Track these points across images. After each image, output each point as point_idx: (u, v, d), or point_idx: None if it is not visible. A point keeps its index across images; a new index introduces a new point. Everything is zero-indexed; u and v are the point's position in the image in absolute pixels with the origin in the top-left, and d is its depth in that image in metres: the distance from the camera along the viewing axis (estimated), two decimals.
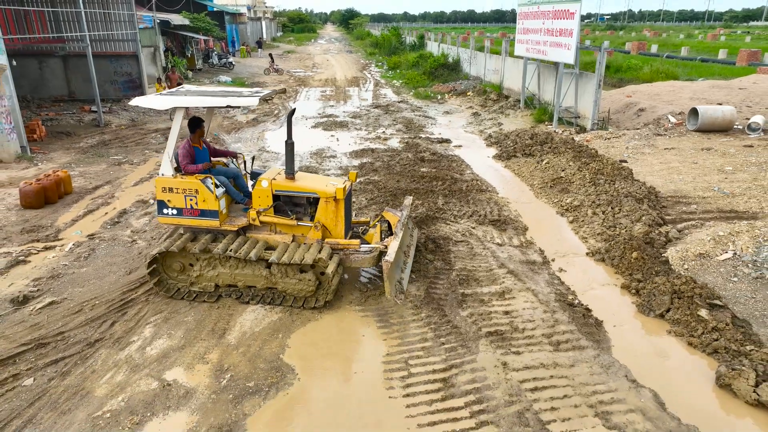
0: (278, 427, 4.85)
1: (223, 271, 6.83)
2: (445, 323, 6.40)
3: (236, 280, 6.85)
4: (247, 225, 7.03)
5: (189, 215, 6.84)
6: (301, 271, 6.66)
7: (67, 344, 5.96)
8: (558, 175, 11.68)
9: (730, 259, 7.65)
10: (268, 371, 5.58)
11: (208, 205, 6.74)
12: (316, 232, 6.91)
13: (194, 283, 6.94)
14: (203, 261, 6.83)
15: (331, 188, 6.89)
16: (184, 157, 6.86)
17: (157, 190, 6.85)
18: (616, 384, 5.34)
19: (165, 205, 6.85)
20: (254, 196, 6.94)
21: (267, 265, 6.71)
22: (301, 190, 6.99)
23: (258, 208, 6.92)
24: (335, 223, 6.97)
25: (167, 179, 6.77)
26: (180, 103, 6.63)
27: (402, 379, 5.45)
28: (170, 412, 5.03)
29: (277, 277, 6.72)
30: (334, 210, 6.91)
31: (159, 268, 6.91)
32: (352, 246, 7.00)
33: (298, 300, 6.74)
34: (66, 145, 14.84)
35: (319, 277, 6.68)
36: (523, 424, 4.82)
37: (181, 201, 6.77)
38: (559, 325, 6.28)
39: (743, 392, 5.06)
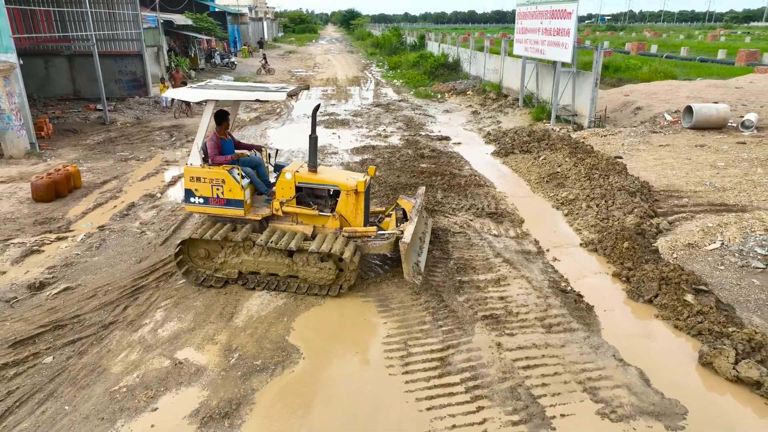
0: (285, 400, 5.15)
1: (247, 259, 7.06)
2: (442, 308, 6.70)
3: (259, 267, 7.07)
4: (270, 215, 7.29)
5: (215, 204, 7.09)
6: (321, 260, 6.90)
7: (83, 326, 6.26)
8: (554, 171, 11.97)
9: (718, 248, 7.95)
10: (274, 351, 5.88)
11: (234, 194, 6.99)
12: (334, 221, 7.17)
13: (218, 270, 7.16)
14: (228, 248, 7.06)
15: (352, 181, 7.17)
16: (212, 148, 7.14)
17: (185, 180, 7.10)
18: (604, 363, 5.63)
19: (192, 193, 7.11)
20: (278, 187, 7.20)
21: (289, 254, 6.97)
22: (323, 182, 7.27)
23: (281, 198, 7.18)
24: (355, 214, 7.24)
25: (195, 169, 7.02)
26: (212, 96, 6.88)
27: (401, 359, 5.75)
28: (182, 387, 5.33)
29: (299, 266, 6.95)
30: (355, 202, 7.18)
31: (184, 254, 7.17)
32: (370, 233, 7.27)
33: (322, 288, 6.97)
34: (73, 142, 15.16)
35: (339, 265, 6.92)
36: (515, 398, 5.11)
37: (208, 190, 7.03)
38: (552, 310, 6.58)
39: (724, 369, 5.35)
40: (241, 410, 5.01)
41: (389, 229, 7.60)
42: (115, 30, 21.01)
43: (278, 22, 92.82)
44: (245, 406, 5.06)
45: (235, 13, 48.03)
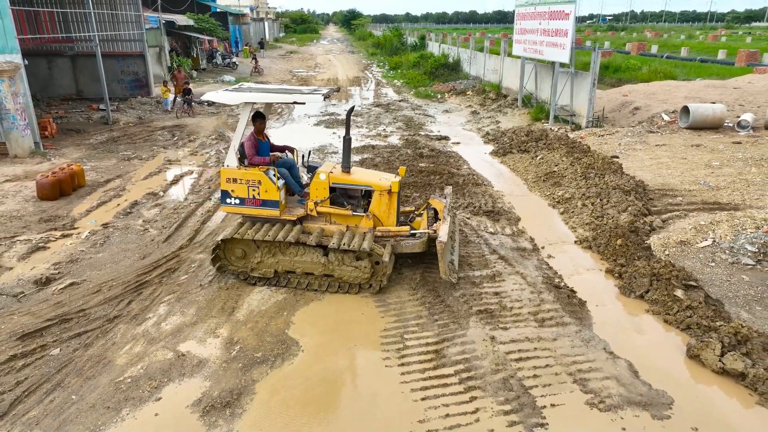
0: (284, 391, 5.32)
1: (283, 258, 7.14)
2: (438, 303, 6.87)
3: (295, 266, 7.15)
4: (305, 215, 7.42)
5: (251, 205, 7.21)
6: (357, 259, 7.03)
7: (88, 320, 6.44)
8: (551, 170, 12.14)
9: (709, 246, 8.10)
10: (274, 344, 6.05)
11: (269, 195, 7.11)
12: (368, 221, 7.28)
13: (255, 269, 7.24)
14: (264, 248, 7.15)
15: (385, 182, 7.30)
16: (250, 148, 7.23)
17: (221, 181, 7.21)
18: (595, 355, 5.80)
19: (228, 194, 7.23)
20: (312, 188, 7.29)
21: (325, 253, 7.09)
22: (357, 183, 7.39)
23: (315, 199, 7.28)
24: (388, 214, 7.37)
25: (232, 170, 7.13)
26: (249, 98, 7.00)
27: (397, 351, 5.92)
28: (185, 378, 5.50)
29: (335, 265, 7.05)
30: (388, 202, 7.31)
31: (221, 254, 7.27)
32: (403, 232, 7.40)
33: (354, 287, 7.11)
34: (76, 142, 15.34)
35: (374, 265, 7.04)
36: (507, 389, 5.28)
37: (244, 191, 7.14)
38: (545, 304, 6.75)
39: (710, 361, 5.51)
40: (242, 400, 5.18)
41: (421, 228, 7.69)
42: (118, 31, 21.19)
43: (280, 22, 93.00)
44: (246, 396, 5.23)
45: (236, 14, 48.23)
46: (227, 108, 21.33)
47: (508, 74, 23.08)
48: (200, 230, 9.19)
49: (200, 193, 11.07)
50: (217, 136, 16.57)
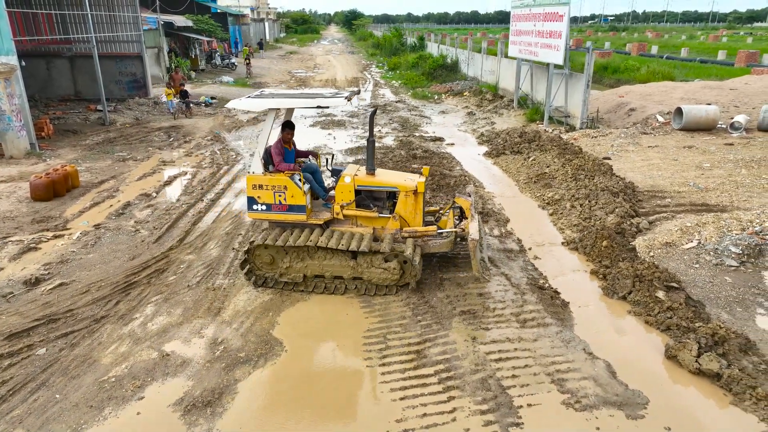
0: (266, 390, 5.40)
1: (311, 263, 7.15)
2: (423, 303, 6.94)
3: (324, 270, 7.17)
4: (331, 218, 7.45)
5: (277, 210, 7.22)
6: (385, 261, 7.05)
7: (75, 320, 6.52)
8: (543, 171, 12.20)
9: (695, 247, 8.16)
10: (258, 344, 6.13)
11: (296, 200, 7.13)
12: (394, 222, 7.33)
13: (284, 275, 7.25)
14: (293, 253, 7.15)
15: (410, 183, 7.32)
16: (277, 155, 7.26)
17: (247, 188, 7.22)
18: (574, 356, 5.86)
19: (255, 201, 7.23)
20: (337, 191, 7.28)
21: (353, 256, 7.11)
22: (382, 184, 7.41)
23: (341, 202, 7.31)
24: (414, 214, 7.40)
25: (257, 177, 7.14)
26: (273, 105, 7.04)
27: (379, 351, 5.99)
28: (168, 377, 5.58)
29: (363, 267, 7.08)
30: (413, 203, 7.34)
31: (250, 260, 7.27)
32: (431, 232, 7.44)
33: (381, 288, 7.13)
34: (73, 143, 15.45)
35: (403, 265, 7.07)
36: (485, 389, 5.35)
37: (271, 197, 7.15)
38: (527, 305, 6.81)
39: (687, 362, 5.58)
40: (223, 399, 5.26)
41: (447, 227, 7.70)
42: (116, 32, 21.30)
43: (280, 22, 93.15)
44: (227, 395, 5.31)
45: (236, 14, 48.34)
46: (224, 109, 21.43)
47: (505, 75, 23.14)
48: (191, 231, 9.27)
49: (193, 194, 11.15)
50: (213, 137, 16.66)
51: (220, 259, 8.21)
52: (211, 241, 8.90)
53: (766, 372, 5.39)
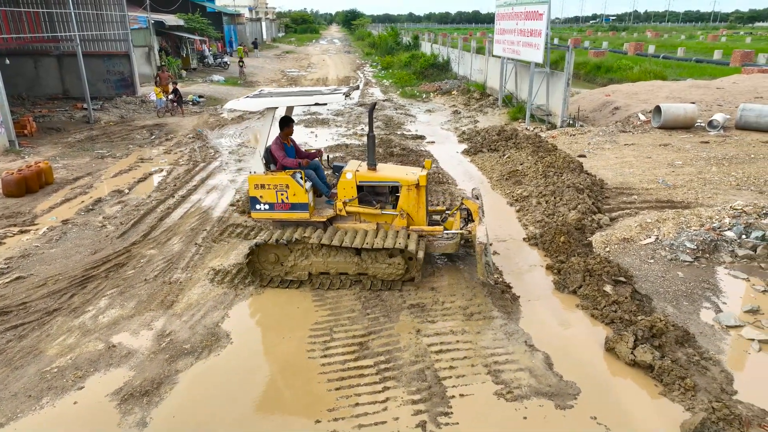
0: (205, 381, 5.47)
1: (316, 260, 7.15)
2: (374, 297, 7.00)
3: (329, 267, 7.17)
4: (334, 215, 7.47)
5: (280, 209, 7.25)
6: (390, 256, 7.10)
7: (27, 312, 6.61)
8: (515, 168, 12.25)
9: (652, 243, 8.21)
10: (205, 336, 6.20)
11: (298, 198, 7.16)
12: (401, 220, 7.35)
13: (289, 273, 7.24)
14: (297, 251, 7.17)
15: (412, 176, 7.32)
16: (278, 151, 7.26)
17: (249, 188, 7.26)
18: (514, 348, 5.92)
19: (257, 201, 7.26)
20: (339, 187, 7.30)
21: (357, 252, 7.12)
22: (384, 179, 7.42)
23: (344, 198, 7.31)
24: (417, 209, 7.39)
25: (259, 176, 7.16)
26: (272, 103, 7.06)
27: (323, 343, 6.05)
28: (111, 368, 5.66)
29: (368, 263, 7.10)
30: (416, 197, 7.34)
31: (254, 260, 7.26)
32: (436, 232, 7.46)
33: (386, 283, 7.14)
34: (54, 140, 15.56)
35: (407, 260, 7.10)
36: (421, 380, 5.41)
37: (273, 196, 7.19)
38: (476, 299, 6.87)
39: (623, 354, 5.63)
40: (161, 389, 5.33)
41: (453, 228, 7.72)
42: (103, 30, 21.41)
43: (279, 22, 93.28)
44: (166, 386, 5.38)
45: (231, 14, 48.45)
46: (210, 108, 21.53)
47: (493, 74, 23.18)
48: (156, 227, 9.35)
49: (165, 191, 11.24)
50: (195, 135, 16.74)
51: (181, 254, 8.28)
52: (175, 236, 8.98)
53: (698, 363, 5.44)
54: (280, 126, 7.54)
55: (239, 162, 13.71)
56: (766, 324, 6.21)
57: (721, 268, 7.55)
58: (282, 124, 7.54)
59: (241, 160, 13.85)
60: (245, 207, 10.05)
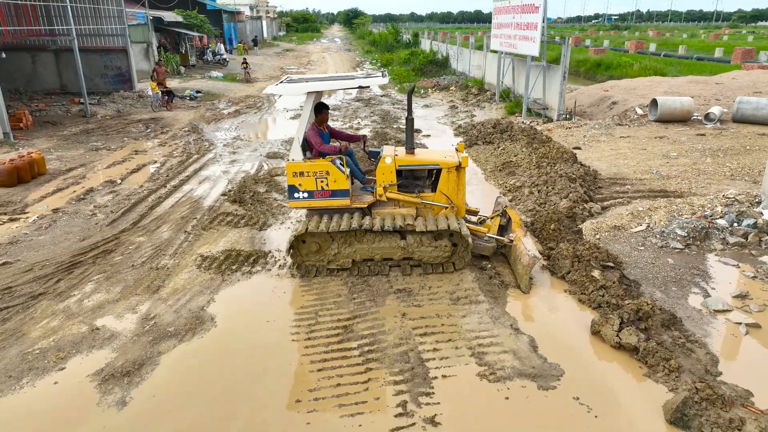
0: (187, 362, 5.44)
1: (360, 247, 6.99)
2: (361, 282, 6.96)
3: (373, 253, 7.03)
4: (374, 201, 7.31)
5: (320, 197, 7.07)
6: (435, 239, 6.98)
7: (12, 296, 6.58)
8: (509, 160, 12.21)
9: (643, 230, 8.16)
10: (189, 319, 6.17)
11: (339, 185, 7.00)
12: (450, 212, 7.23)
13: (332, 261, 7.08)
14: (340, 239, 6.99)
15: (452, 158, 7.18)
16: (315, 137, 7.07)
17: (287, 176, 7.07)
18: (499, 331, 5.87)
19: (296, 189, 7.07)
20: (378, 172, 7.13)
21: (402, 237, 7.01)
22: (423, 163, 7.29)
23: (383, 183, 7.15)
24: (456, 192, 7.25)
25: (298, 164, 6.97)
26: (313, 88, 6.89)
27: (308, 327, 6.02)
28: (94, 350, 5.63)
29: (414, 247, 7.00)
30: (456, 179, 7.19)
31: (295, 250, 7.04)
32: (480, 232, 7.40)
33: (435, 266, 7.07)
34: (50, 133, 15.55)
35: (453, 244, 6.99)
36: (404, 362, 5.37)
37: (312, 183, 7.01)
38: (463, 284, 6.83)
39: (608, 337, 5.58)
40: (142, 370, 5.30)
41: (489, 233, 7.58)
42: (100, 25, 21.40)
43: (280, 21, 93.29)
44: (148, 366, 5.35)
45: (231, 11, 48.48)
46: (207, 103, 21.52)
47: (491, 70, 23.14)
48: (147, 215, 9.33)
49: (157, 181, 11.22)
50: (191, 128, 16.73)
51: (170, 241, 8.26)
52: (165, 224, 8.95)
53: (683, 346, 5.39)
54: (315, 112, 7.36)
55: (233, 154, 13.68)
56: (755, 308, 6.16)
57: (711, 255, 7.50)
58: (316, 110, 7.34)
59: (236, 153, 13.83)
60: (237, 197, 10.03)
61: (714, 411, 4.47)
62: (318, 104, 7.37)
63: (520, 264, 6.88)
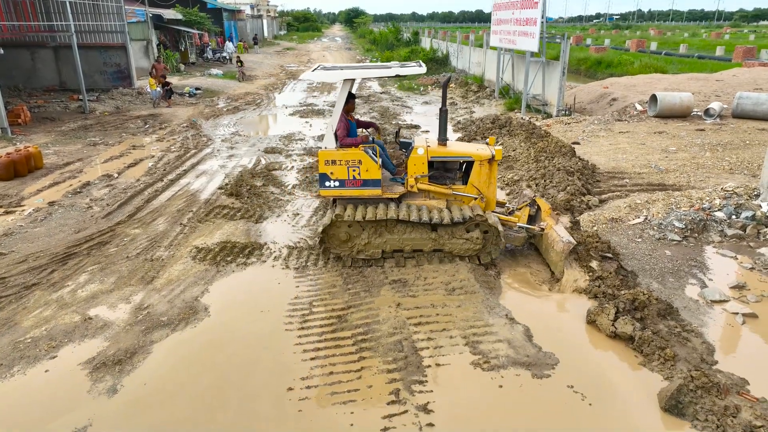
0: (179, 350, 5.41)
1: (390, 238, 6.94)
2: (356, 273, 6.92)
3: (404, 244, 6.98)
4: (405, 192, 7.21)
5: (351, 186, 6.98)
6: (467, 231, 6.90)
7: (6, 287, 6.55)
8: (508, 154, 12.16)
9: (641, 223, 8.12)
10: (183, 309, 6.13)
11: (371, 174, 6.90)
12: (480, 203, 7.16)
13: (361, 251, 7.02)
14: (370, 229, 6.93)
15: (485, 151, 7.10)
16: (342, 129, 7.01)
17: (320, 164, 6.93)
18: (494, 321, 5.83)
19: (327, 177, 6.96)
20: (410, 163, 7.05)
21: (433, 228, 6.93)
22: (456, 154, 7.21)
23: (415, 174, 7.06)
24: (488, 185, 7.17)
25: (330, 152, 6.87)
26: (349, 75, 6.83)
27: (302, 317, 5.98)
28: (86, 339, 5.60)
29: (445, 239, 6.94)
30: (488, 172, 7.11)
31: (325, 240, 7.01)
32: (511, 222, 7.35)
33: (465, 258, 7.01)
34: (48, 129, 15.53)
35: (484, 236, 6.94)
36: (397, 350, 5.33)
37: (344, 172, 6.90)
38: (459, 275, 6.78)
39: (604, 326, 5.54)
40: (134, 358, 5.26)
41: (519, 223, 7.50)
42: (99, 21, 21.38)
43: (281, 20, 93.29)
44: (140, 355, 5.32)
45: (231, 10, 48.46)
46: (207, 99, 21.51)
47: (490, 67, 23.10)
48: (143, 208, 9.30)
49: (154, 175, 11.19)
50: (189, 124, 16.70)
51: (165, 233, 8.22)
52: (161, 217, 8.92)
53: (679, 335, 5.35)
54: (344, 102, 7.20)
55: (231, 149, 13.65)
56: (752, 299, 6.11)
57: (709, 247, 7.45)
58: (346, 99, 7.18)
59: (233, 148, 13.80)
60: (233, 190, 9.99)
61: (709, 399, 4.43)
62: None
63: (553, 251, 6.83)
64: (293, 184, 10.65)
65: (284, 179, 11.01)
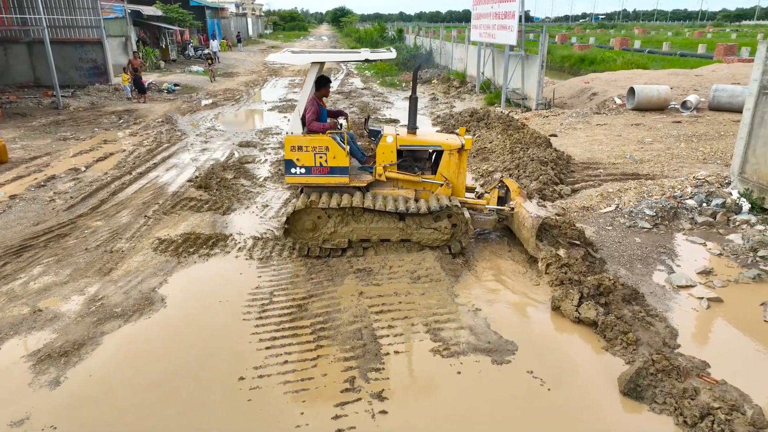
0: (130, 342, 5.21)
1: (357, 227, 6.81)
2: (321, 263, 6.76)
3: (371, 234, 6.84)
4: (373, 181, 7.05)
5: (318, 173, 6.79)
6: (435, 221, 6.80)
7: None
8: (484, 146, 12.06)
9: (612, 211, 8.05)
10: (138, 300, 5.93)
11: (338, 161, 6.71)
12: (446, 189, 7.01)
13: (327, 240, 6.86)
14: (336, 217, 6.80)
15: (455, 141, 6.96)
16: (312, 114, 6.77)
17: (285, 150, 6.73)
18: (457, 308, 5.70)
19: (293, 164, 6.76)
20: (378, 152, 6.88)
21: (401, 218, 6.82)
22: (425, 143, 7.07)
23: (383, 163, 6.91)
24: (457, 175, 7.06)
25: (297, 138, 6.67)
26: (317, 59, 6.63)
27: (261, 306, 5.81)
28: (33, 332, 5.38)
29: (413, 229, 6.81)
30: (458, 162, 6.99)
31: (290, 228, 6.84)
32: (479, 205, 7.23)
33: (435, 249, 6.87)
34: (18, 124, 15.18)
35: (453, 226, 6.84)
36: (356, 339, 5.18)
37: (311, 159, 6.71)
38: (425, 263, 6.65)
39: (568, 312, 5.44)
40: (82, 350, 5.06)
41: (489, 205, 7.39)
42: (74, 15, 20.99)
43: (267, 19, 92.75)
44: (88, 347, 5.11)
45: (214, 8, 48.03)
46: (185, 95, 21.21)
47: (472, 62, 23.02)
48: (107, 200, 9.06)
49: (123, 168, 10.94)
50: (165, 119, 16.42)
51: (128, 226, 8.00)
52: (125, 209, 8.69)
53: (643, 320, 5.25)
54: (317, 86, 7.02)
55: (205, 143, 13.42)
56: (718, 284, 6.05)
57: (679, 234, 7.40)
58: (319, 84, 7.02)
59: (208, 142, 13.57)
60: (202, 182, 9.79)
61: (669, 382, 4.33)
62: (320, 78, 7.05)
63: (524, 228, 6.72)
64: (265, 177, 10.47)
65: (256, 172, 10.82)
